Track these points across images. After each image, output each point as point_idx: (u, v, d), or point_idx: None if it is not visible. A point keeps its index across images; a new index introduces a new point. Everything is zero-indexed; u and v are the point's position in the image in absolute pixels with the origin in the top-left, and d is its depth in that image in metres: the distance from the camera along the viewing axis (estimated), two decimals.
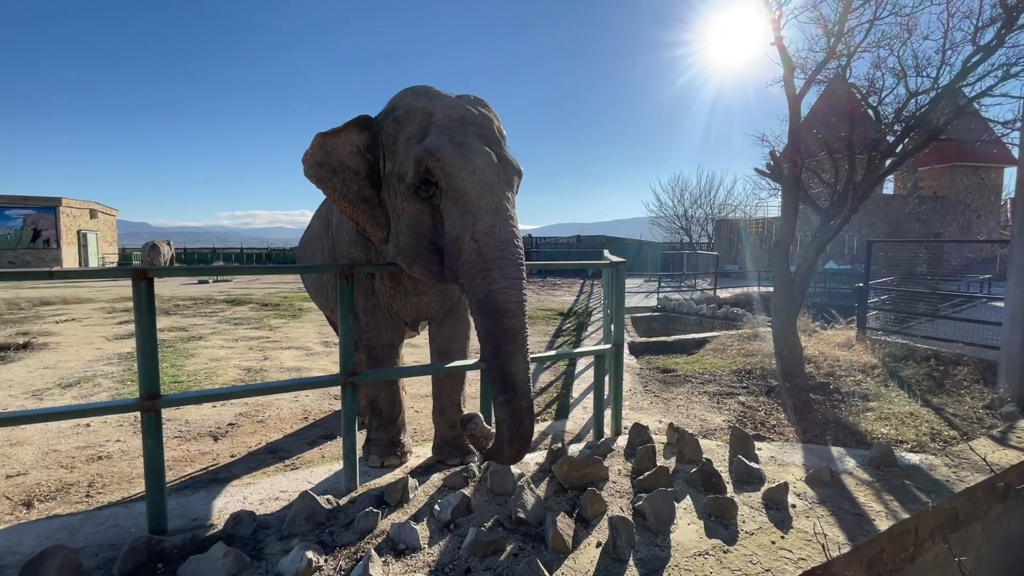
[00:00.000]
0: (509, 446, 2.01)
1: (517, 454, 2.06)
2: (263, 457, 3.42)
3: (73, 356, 6.26)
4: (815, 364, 5.36)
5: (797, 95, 5.41)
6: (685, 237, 23.96)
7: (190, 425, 3.96)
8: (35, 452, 3.44)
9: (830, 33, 5.40)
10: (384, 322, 2.94)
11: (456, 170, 2.10)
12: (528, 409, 2.03)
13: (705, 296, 12.47)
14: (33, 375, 5.36)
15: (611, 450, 3.12)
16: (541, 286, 18.06)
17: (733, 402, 4.41)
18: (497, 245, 2.06)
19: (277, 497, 2.65)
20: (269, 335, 7.95)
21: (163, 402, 2.20)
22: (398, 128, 2.32)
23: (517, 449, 2.03)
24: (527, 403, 2.03)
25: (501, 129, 2.43)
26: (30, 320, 9.18)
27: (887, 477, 2.79)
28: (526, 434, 2.02)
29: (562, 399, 4.62)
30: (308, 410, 4.34)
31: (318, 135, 2.42)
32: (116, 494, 2.92)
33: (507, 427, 2.01)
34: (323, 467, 3.07)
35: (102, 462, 3.32)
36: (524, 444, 2.03)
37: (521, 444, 2.02)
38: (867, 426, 3.78)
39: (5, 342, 6.75)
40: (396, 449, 3.05)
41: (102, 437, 3.73)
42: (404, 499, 2.48)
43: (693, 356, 6.16)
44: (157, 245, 19.50)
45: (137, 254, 31.21)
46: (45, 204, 24.68)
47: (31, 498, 2.84)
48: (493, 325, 2.04)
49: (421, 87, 2.43)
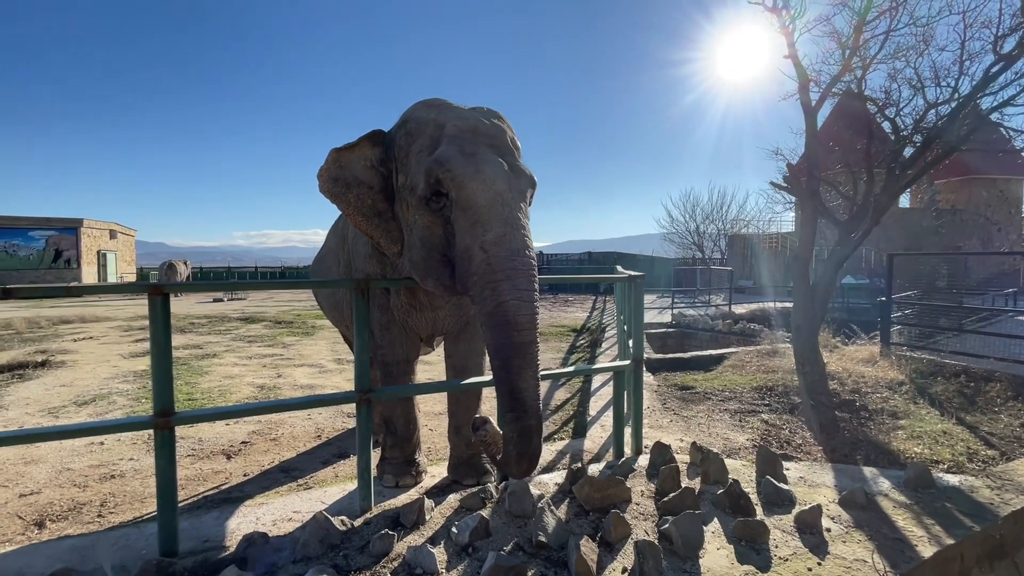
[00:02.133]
0: (516, 465, 1.95)
1: (525, 472, 2.00)
2: (276, 476, 3.36)
3: (89, 374, 6.29)
4: (839, 381, 5.21)
5: (813, 107, 5.36)
6: (697, 253, 23.79)
7: (203, 443, 3.93)
8: (49, 470, 3.42)
9: (844, 46, 5.37)
10: (399, 338, 2.89)
11: (466, 180, 2.07)
12: (537, 428, 1.96)
13: (720, 312, 12.30)
14: (50, 393, 5.39)
15: (633, 470, 3.01)
16: (553, 303, 17.98)
17: (756, 420, 4.28)
18: (507, 256, 2.00)
19: (290, 518, 2.58)
20: (283, 352, 7.95)
21: (177, 420, 2.17)
22: (410, 141, 2.30)
23: (525, 468, 1.97)
24: (536, 422, 1.96)
25: (515, 140, 2.39)
26: (49, 338, 9.30)
27: (926, 500, 2.65)
28: (534, 453, 1.96)
29: (579, 417, 4.52)
30: (321, 428, 4.29)
31: (333, 150, 2.41)
32: (128, 514, 2.87)
33: (515, 446, 1.94)
34: (337, 487, 3.00)
35: (115, 481, 3.29)
36: (532, 463, 1.97)
37: (529, 463, 1.96)
38: (899, 445, 3.63)
39: (24, 360, 6.82)
40: (411, 469, 2.98)
41: (116, 455, 3.70)
42: (420, 521, 2.40)
43: (711, 373, 6.03)
44: (174, 264, 19.81)
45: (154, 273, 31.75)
46: (67, 225, 25.29)
47: (43, 518, 2.81)
48: (502, 339, 1.97)
49: (433, 100, 2.42)
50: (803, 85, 5.32)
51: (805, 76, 5.36)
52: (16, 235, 24.47)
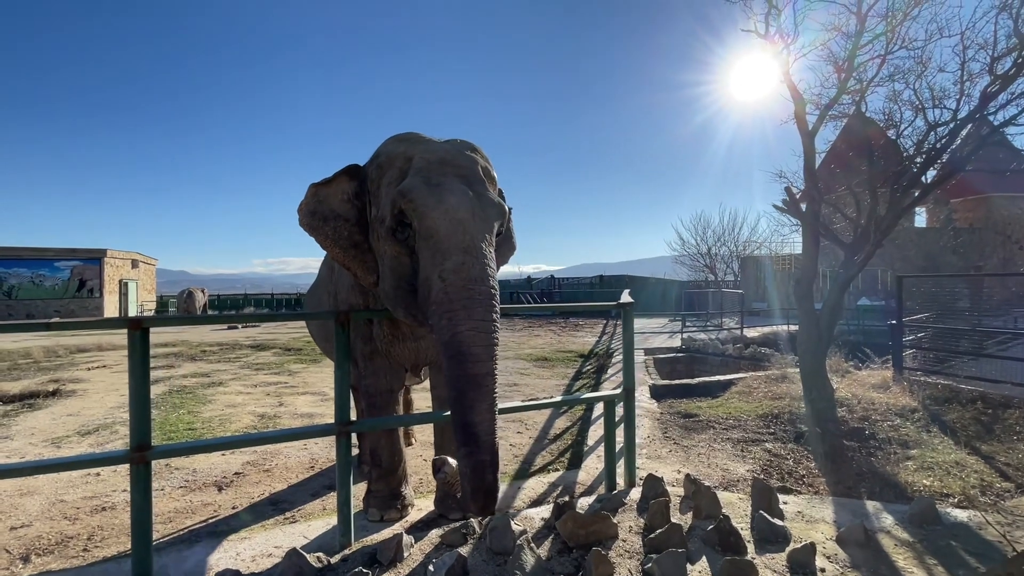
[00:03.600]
0: (473, 501, 1.88)
1: (482, 509, 1.91)
2: (264, 509, 3.33)
3: (97, 403, 6.38)
4: (848, 407, 5.04)
5: (810, 131, 5.35)
6: (710, 275, 23.56)
7: (197, 474, 3.92)
8: (42, 502, 3.44)
9: (840, 69, 5.39)
10: (383, 368, 2.88)
11: (427, 209, 2.07)
12: (491, 464, 1.90)
13: (732, 336, 12.09)
14: (56, 422, 5.46)
15: (623, 504, 2.93)
16: (563, 327, 17.87)
17: (759, 450, 4.14)
18: (464, 285, 1.98)
19: (270, 553, 2.55)
20: (288, 380, 7.99)
21: (153, 454, 2.17)
22: (380, 174, 2.34)
23: (481, 504, 1.88)
24: (490, 457, 1.90)
25: (488, 170, 2.40)
26: (65, 367, 9.49)
27: (930, 537, 2.52)
28: (489, 489, 1.88)
29: (576, 447, 4.43)
30: (316, 458, 4.26)
31: (312, 185, 2.46)
32: (114, 548, 2.86)
33: (469, 481, 1.87)
34: (321, 520, 2.97)
35: (105, 513, 3.29)
36: (488, 499, 1.89)
37: (485, 499, 1.88)
38: (907, 477, 3.47)
39: (36, 389, 6.95)
40: (396, 502, 2.93)
41: (109, 487, 3.71)
42: (398, 558, 2.35)
43: (717, 400, 5.89)
44: (193, 292, 20.26)
45: (173, 301, 32.43)
46: (91, 255, 26.06)
47: (30, 552, 2.81)
48: (457, 370, 1.93)
49: (405, 134, 2.46)
50: (799, 109, 5.32)
51: (801, 100, 5.37)
52: (43, 266, 25.27)
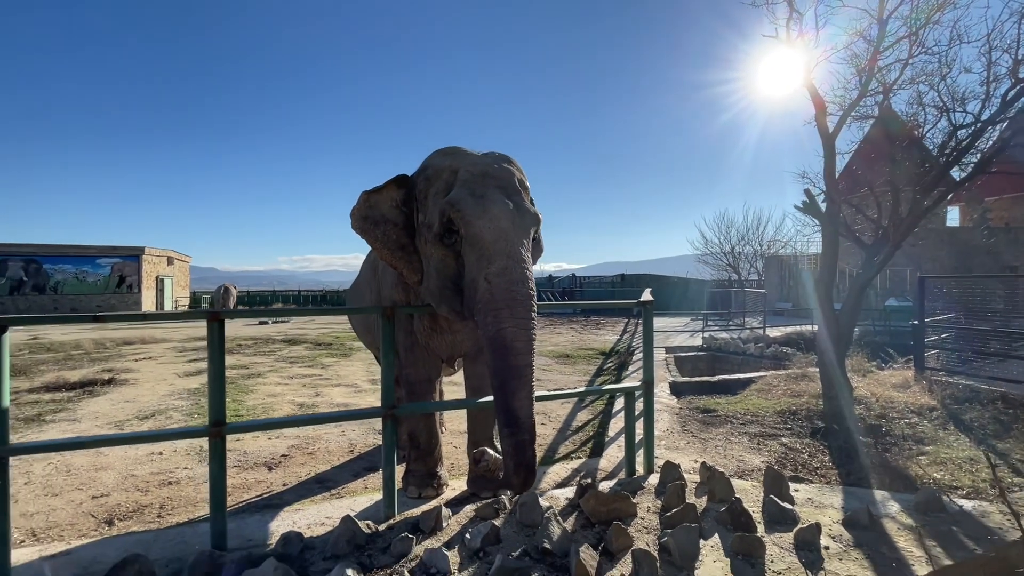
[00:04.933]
0: (515, 476, 2.14)
1: (523, 483, 2.18)
2: (311, 486, 3.65)
3: (149, 391, 6.86)
4: (866, 406, 5.14)
5: (831, 134, 5.44)
6: (733, 275, 23.35)
7: (248, 456, 4.28)
8: (116, 476, 3.83)
9: (862, 72, 5.46)
10: (422, 358, 3.17)
11: (474, 219, 2.34)
12: (530, 442, 2.17)
13: (754, 335, 12.10)
14: (116, 408, 5.93)
15: (642, 488, 3.15)
16: (584, 325, 18.02)
17: (775, 443, 4.30)
18: (508, 286, 2.25)
19: (323, 523, 2.85)
20: (321, 373, 8.39)
21: (227, 429, 2.49)
22: (428, 185, 2.61)
23: (523, 478, 2.15)
24: (529, 436, 2.17)
25: (523, 181, 2.67)
26: (114, 358, 10.10)
27: (932, 523, 2.68)
28: (529, 464, 2.15)
29: (598, 437, 4.66)
30: (354, 444, 4.58)
31: (363, 192, 2.75)
32: (183, 515, 3.21)
33: (511, 458, 2.14)
34: (365, 496, 3.27)
35: (172, 487, 3.66)
36: (529, 473, 2.15)
37: (526, 474, 2.14)
38: (919, 471, 3.60)
39: (93, 378, 7.49)
40: (433, 481, 3.21)
41: (172, 465, 4.09)
42: (438, 527, 2.63)
43: (736, 397, 6.03)
44: (228, 288, 21.12)
45: (206, 297, 33.58)
46: (130, 253, 27.24)
47: (112, 517, 3.18)
48: (500, 361, 2.20)
49: (449, 148, 2.73)
50: (819, 111, 5.42)
51: (821, 103, 5.46)
52: (86, 262, 26.52)
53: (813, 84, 5.45)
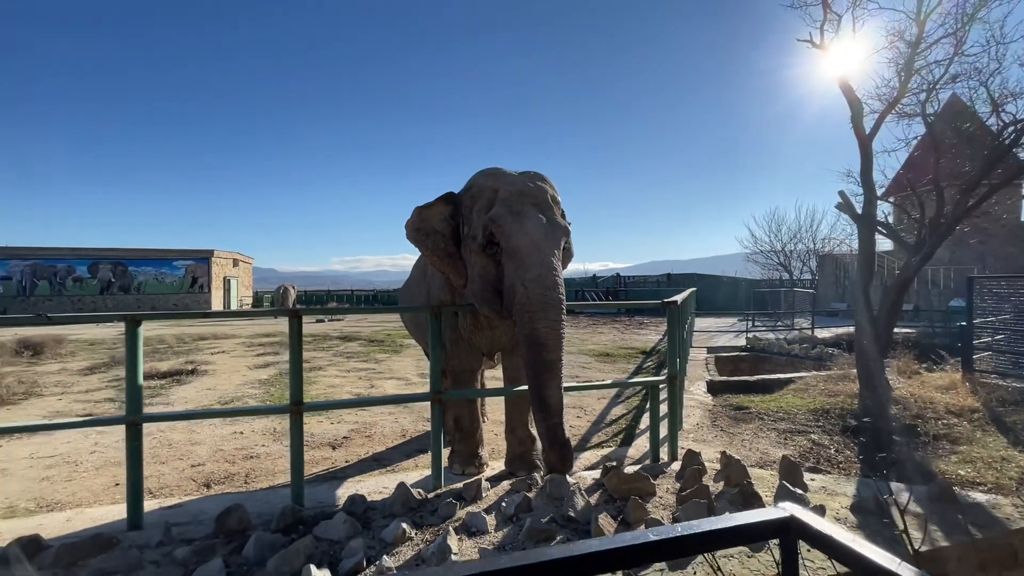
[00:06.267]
0: (551, 451, 2.53)
1: (560, 457, 2.55)
2: (369, 464, 4.16)
3: (226, 381, 7.68)
4: (903, 405, 5.15)
5: (867, 135, 5.47)
6: (784, 274, 22.64)
7: (314, 437, 4.85)
8: (208, 450, 4.48)
9: (900, 72, 5.46)
10: (465, 351, 3.59)
11: (512, 232, 2.73)
12: (559, 424, 2.56)
13: (801, 336, 11.87)
14: (200, 394, 6.73)
15: (663, 472, 3.44)
16: (627, 325, 18.07)
17: (803, 439, 4.45)
18: (541, 291, 2.63)
19: (380, 491, 3.32)
20: (375, 367, 9.04)
21: (305, 407, 2.99)
22: (473, 201, 3.02)
23: (558, 453, 2.53)
24: (558, 420, 2.56)
25: (555, 196, 3.03)
26: (192, 351, 11.20)
27: (940, 512, 2.83)
28: (563, 442, 2.53)
29: (629, 429, 4.94)
30: (406, 429, 5.08)
31: (416, 208, 3.19)
32: (264, 483, 3.78)
33: (546, 439, 2.54)
34: (416, 473, 3.72)
35: (253, 460, 4.26)
36: (563, 448, 2.53)
37: (561, 448, 2.52)
38: (944, 467, 3.69)
39: (180, 368, 8.44)
40: (475, 460, 3.63)
41: (252, 443, 4.72)
42: (478, 496, 3.04)
43: (771, 395, 6.13)
44: (288, 288, 22.62)
45: (267, 296, 35.75)
46: (201, 256, 29.47)
47: (208, 481, 3.79)
48: (534, 356, 2.59)
49: (491, 169, 3.13)
50: (855, 113, 5.46)
51: (859, 105, 5.50)
52: (164, 265, 28.94)
53: (849, 86, 5.50)
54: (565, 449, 2.58)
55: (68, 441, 4.70)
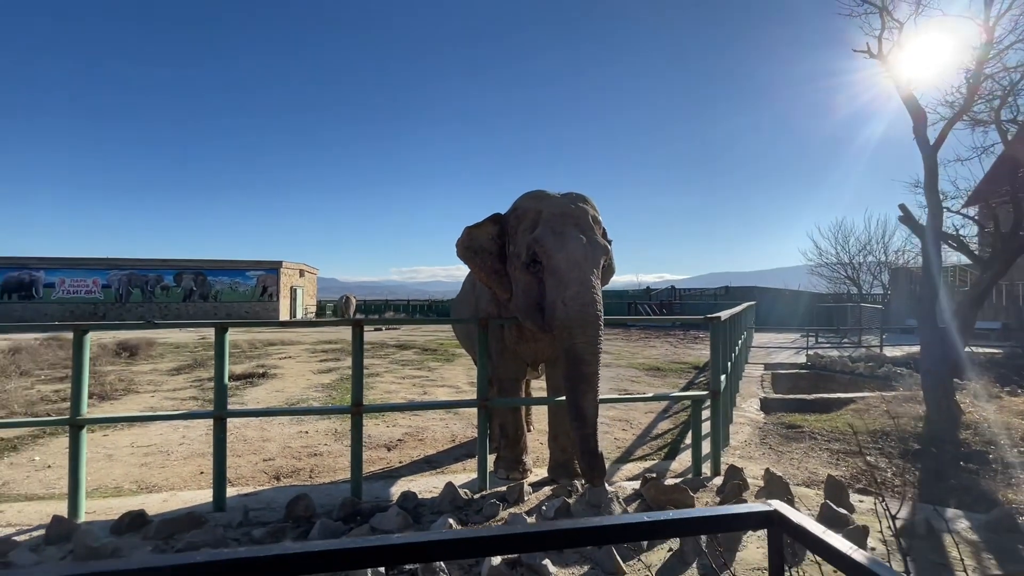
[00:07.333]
0: (582, 460, 2.68)
1: (590, 466, 2.70)
2: (421, 465, 4.43)
3: (293, 384, 8.29)
4: (975, 430, 4.86)
5: (932, 145, 5.25)
6: (852, 288, 21.34)
7: (371, 439, 5.19)
8: (277, 447, 4.92)
9: (968, 80, 5.22)
10: (511, 361, 3.79)
11: (554, 252, 2.91)
12: (593, 435, 2.71)
13: (868, 354, 11.22)
14: (270, 395, 7.32)
15: (704, 486, 3.47)
16: (681, 339, 17.67)
17: (857, 460, 4.31)
18: (580, 308, 2.79)
19: (430, 490, 3.56)
20: (428, 375, 9.42)
21: (365, 409, 3.29)
22: (518, 222, 3.24)
23: (588, 461, 2.67)
24: (592, 431, 2.71)
25: (596, 216, 3.20)
26: (262, 356, 12.08)
27: (999, 541, 2.72)
28: (593, 451, 2.67)
29: (674, 443, 4.95)
30: (455, 434, 5.33)
31: (466, 228, 3.44)
32: (327, 477, 4.12)
33: (578, 447, 2.68)
34: (464, 475, 3.95)
35: (317, 457, 4.63)
36: (593, 457, 2.68)
37: (591, 458, 2.67)
38: (1012, 496, 3.49)
39: (252, 371, 9.17)
40: (519, 466, 3.80)
41: (316, 441, 5.12)
42: (520, 500, 3.21)
43: (827, 415, 5.91)
44: (349, 298, 23.86)
45: (330, 305, 37.59)
46: (271, 266, 31.52)
47: (278, 474, 4.18)
48: (572, 370, 2.75)
49: (535, 192, 3.34)
50: (918, 123, 5.26)
51: (922, 115, 5.30)
52: (238, 274, 31.20)
53: (911, 95, 5.31)
54: (595, 459, 2.71)
55: (161, 433, 5.29)
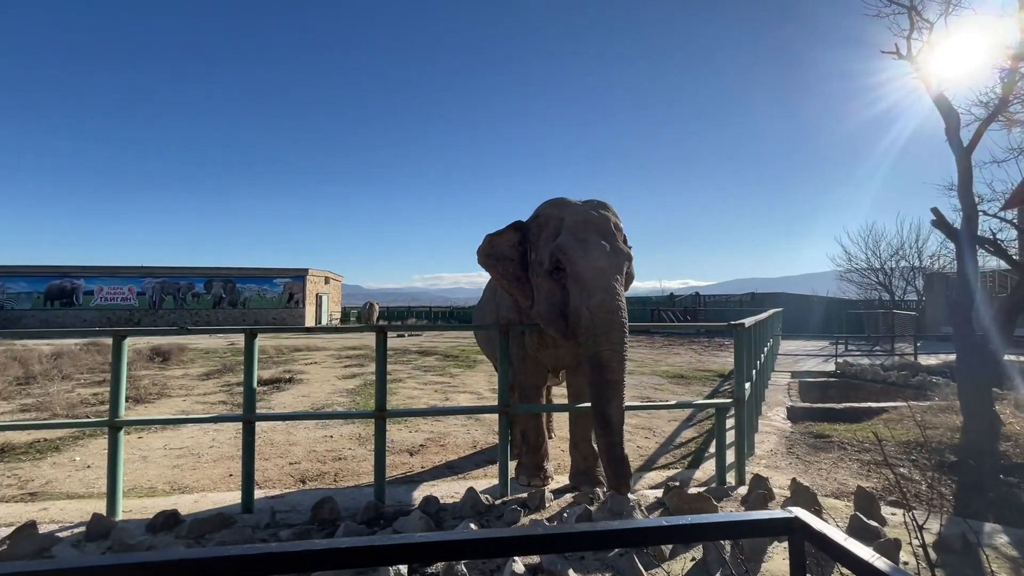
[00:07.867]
0: (608, 468, 2.66)
1: (616, 474, 2.67)
2: (443, 470, 4.46)
3: (318, 389, 8.44)
4: (1015, 442, 4.66)
5: (966, 148, 5.10)
6: (884, 294, 20.67)
7: (394, 444, 5.26)
8: (303, 451, 5.02)
9: (1003, 79, 5.06)
10: (532, 368, 3.80)
11: (577, 259, 2.93)
12: (619, 442, 2.68)
13: (901, 362, 10.86)
14: (296, 400, 7.47)
15: (728, 496, 3.42)
16: (706, 346, 17.39)
17: (888, 472, 4.18)
18: (605, 315, 2.79)
19: (452, 496, 3.59)
20: (450, 381, 9.48)
21: (388, 413, 3.35)
22: (540, 230, 3.26)
23: (615, 469, 2.65)
24: (618, 438, 2.69)
25: (618, 224, 3.21)
26: (288, 361, 12.33)
27: None
28: (619, 459, 2.65)
29: (698, 452, 4.88)
30: (477, 440, 5.36)
31: (487, 235, 3.48)
32: (351, 481, 4.19)
33: (605, 455, 2.67)
34: (485, 481, 3.97)
35: (341, 461, 4.71)
36: (619, 465, 2.65)
37: (618, 466, 2.64)
38: None
39: (279, 377, 9.38)
40: (540, 473, 3.80)
41: (340, 446, 5.21)
42: (541, 506, 3.21)
43: (857, 425, 5.75)
44: (372, 305, 24.23)
45: (354, 311, 38.16)
46: (297, 274, 32.21)
47: (304, 477, 4.27)
48: (597, 377, 2.75)
49: (557, 199, 3.36)
50: (951, 124, 5.12)
51: (954, 115, 5.16)
52: (265, 282, 31.97)
53: (943, 97, 5.18)
54: (621, 466, 2.70)
55: (192, 436, 5.45)
